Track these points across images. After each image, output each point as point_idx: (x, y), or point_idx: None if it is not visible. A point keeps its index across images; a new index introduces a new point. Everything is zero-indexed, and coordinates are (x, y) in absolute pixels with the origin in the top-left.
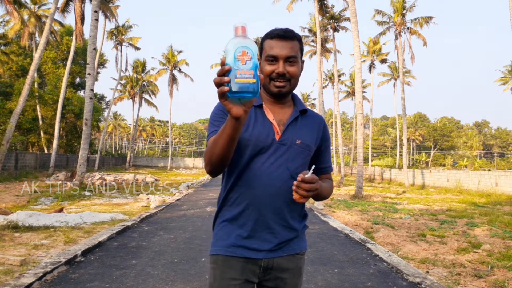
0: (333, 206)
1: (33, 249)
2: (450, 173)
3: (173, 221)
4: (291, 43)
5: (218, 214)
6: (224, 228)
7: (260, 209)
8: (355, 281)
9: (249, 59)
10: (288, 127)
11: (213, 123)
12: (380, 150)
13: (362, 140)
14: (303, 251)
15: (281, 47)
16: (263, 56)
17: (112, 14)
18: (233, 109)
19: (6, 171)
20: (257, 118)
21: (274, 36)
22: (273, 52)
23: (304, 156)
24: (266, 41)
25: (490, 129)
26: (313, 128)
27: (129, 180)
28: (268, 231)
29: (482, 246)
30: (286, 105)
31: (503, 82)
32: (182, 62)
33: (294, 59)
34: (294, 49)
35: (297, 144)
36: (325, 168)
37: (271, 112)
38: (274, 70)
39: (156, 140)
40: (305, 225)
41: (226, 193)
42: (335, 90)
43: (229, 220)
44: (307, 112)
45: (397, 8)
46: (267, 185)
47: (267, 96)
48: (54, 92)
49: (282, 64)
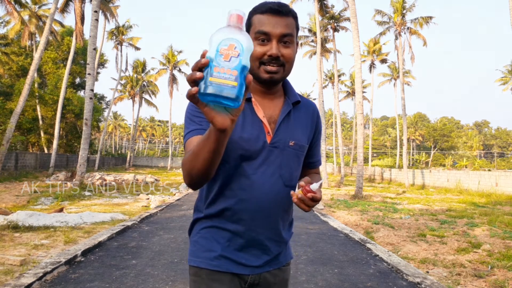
0: (333, 206)
1: (33, 249)
2: (450, 173)
3: (173, 221)
4: (286, 19)
5: (198, 221)
6: (207, 236)
7: (251, 224)
8: (355, 281)
9: (235, 56)
10: (280, 125)
11: (192, 119)
12: (380, 150)
13: (362, 140)
14: (289, 261)
15: (274, 24)
16: (251, 34)
17: (112, 14)
18: (217, 118)
19: (6, 171)
20: (246, 116)
21: (266, 10)
22: (264, 28)
23: (298, 159)
24: (256, 16)
25: (490, 129)
26: (306, 122)
27: (129, 180)
28: (259, 247)
29: (482, 246)
30: (276, 96)
31: (503, 82)
32: (182, 62)
33: (290, 38)
34: (290, 27)
35: (290, 146)
36: (314, 162)
37: (260, 106)
38: (266, 52)
39: (156, 140)
40: (292, 233)
41: (209, 202)
42: (335, 90)
43: (213, 227)
44: (300, 103)
45: (397, 8)
46: (259, 198)
47: (255, 85)
48: (54, 92)
49: (275, 44)
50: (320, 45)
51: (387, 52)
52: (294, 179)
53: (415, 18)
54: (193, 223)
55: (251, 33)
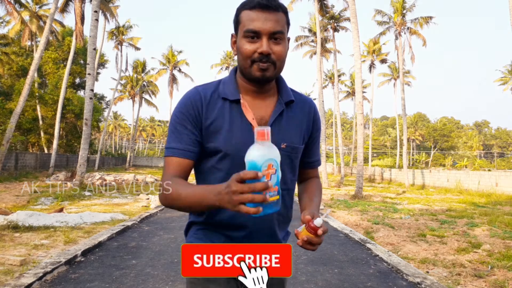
0: (333, 206)
1: (33, 249)
2: (450, 173)
3: (173, 221)
4: (276, 14)
5: (193, 223)
6: (202, 237)
7: (246, 229)
8: (355, 281)
9: (274, 173)
10: (271, 127)
11: (175, 134)
12: (380, 150)
13: (362, 140)
14: None
15: (264, 20)
16: (240, 32)
17: (112, 14)
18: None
19: (6, 171)
20: (233, 120)
21: (254, 6)
22: (254, 26)
23: (291, 162)
24: (244, 12)
25: (490, 129)
26: (301, 121)
27: (129, 180)
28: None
29: (482, 246)
30: (269, 94)
31: (503, 82)
32: (182, 62)
33: (280, 35)
34: (281, 23)
35: (282, 149)
36: (313, 162)
37: (250, 107)
38: (256, 50)
39: (156, 140)
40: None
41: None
42: (335, 90)
43: (208, 229)
44: (294, 102)
45: (397, 8)
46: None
47: (246, 84)
48: (54, 92)
49: (266, 41)
50: (320, 45)
51: (387, 52)
52: (290, 182)
53: (415, 18)
54: (189, 224)
55: (240, 30)
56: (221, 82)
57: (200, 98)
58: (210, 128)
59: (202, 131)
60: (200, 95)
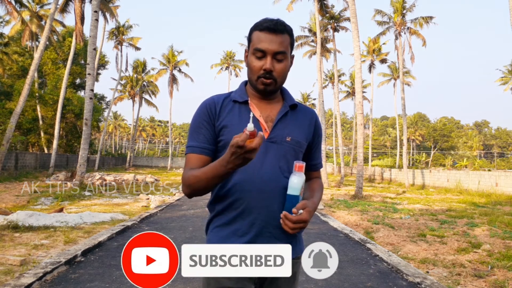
0: (333, 206)
1: (33, 249)
2: (450, 173)
3: (173, 221)
4: (281, 37)
5: (212, 220)
6: (219, 234)
7: (256, 214)
8: (355, 281)
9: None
10: (277, 123)
11: (194, 134)
12: (380, 150)
13: (362, 140)
14: (299, 255)
15: (269, 41)
16: (250, 49)
17: (112, 14)
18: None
19: (6, 171)
20: (242, 117)
21: (264, 28)
22: (261, 46)
23: (295, 153)
24: (255, 33)
25: (490, 129)
26: (304, 123)
27: (129, 180)
28: (266, 235)
29: (482, 246)
30: (274, 101)
31: (503, 82)
32: (182, 62)
33: (283, 55)
34: (284, 44)
35: (287, 141)
36: (315, 164)
37: (257, 108)
38: (262, 67)
39: (156, 140)
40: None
41: (216, 198)
42: (335, 90)
43: (223, 225)
44: (297, 107)
45: (397, 8)
46: (261, 188)
47: (253, 92)
48: (54, 92)
49: (269, 60)
50: (320, 45)
51: (387, 52)
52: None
53: (415, 18)
54: (208, 222)
55: (251, 48)
56: (233, 91)
57: (214, 103)
58: (222, 124)
59: (216, 129)
60: (215, 101)
